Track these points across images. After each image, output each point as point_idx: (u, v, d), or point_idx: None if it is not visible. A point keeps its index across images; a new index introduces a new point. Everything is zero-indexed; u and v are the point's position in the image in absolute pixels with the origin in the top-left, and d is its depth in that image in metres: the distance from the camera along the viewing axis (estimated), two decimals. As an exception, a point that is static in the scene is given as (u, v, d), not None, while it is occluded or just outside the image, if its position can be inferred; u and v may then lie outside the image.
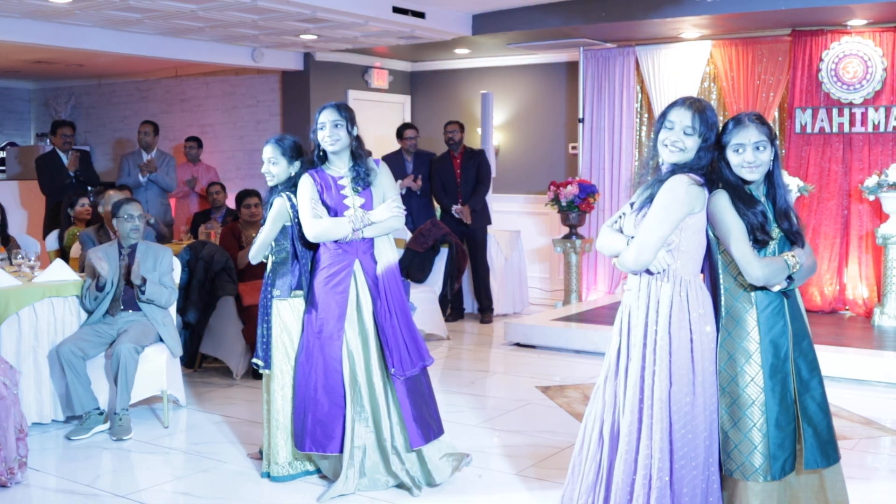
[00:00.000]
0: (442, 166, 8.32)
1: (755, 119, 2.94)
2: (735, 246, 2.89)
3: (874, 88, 7.59)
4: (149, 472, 4.48)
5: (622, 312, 3.14)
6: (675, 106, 3.01)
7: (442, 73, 10.41)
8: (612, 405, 3.12)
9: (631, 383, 3.03)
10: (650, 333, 3.00)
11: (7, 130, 11.91)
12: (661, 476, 2.94)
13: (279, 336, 4.17)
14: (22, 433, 4.20)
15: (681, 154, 2.98)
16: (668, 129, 3.00)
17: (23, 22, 7.32)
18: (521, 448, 4.67)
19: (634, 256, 2.98)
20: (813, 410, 2.94)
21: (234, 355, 6.14)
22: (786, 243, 2.96)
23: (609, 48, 8.84)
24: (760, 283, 2.88)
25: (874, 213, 7.62)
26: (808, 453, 2.91)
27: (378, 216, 4.03)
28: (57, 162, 8.14)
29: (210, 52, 8.73)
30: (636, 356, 3.03)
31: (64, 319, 5.11)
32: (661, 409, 2.94)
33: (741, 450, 2.91)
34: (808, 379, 2.96)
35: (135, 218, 5.19)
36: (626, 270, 3.07)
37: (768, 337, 2.92)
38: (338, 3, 7.08)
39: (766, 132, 2.92)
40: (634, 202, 3.12)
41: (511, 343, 7.31)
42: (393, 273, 4.07)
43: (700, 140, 2.97)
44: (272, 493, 4.10)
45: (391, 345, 3.97)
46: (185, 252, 6.20)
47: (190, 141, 9.09)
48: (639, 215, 3.03)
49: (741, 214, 2.89)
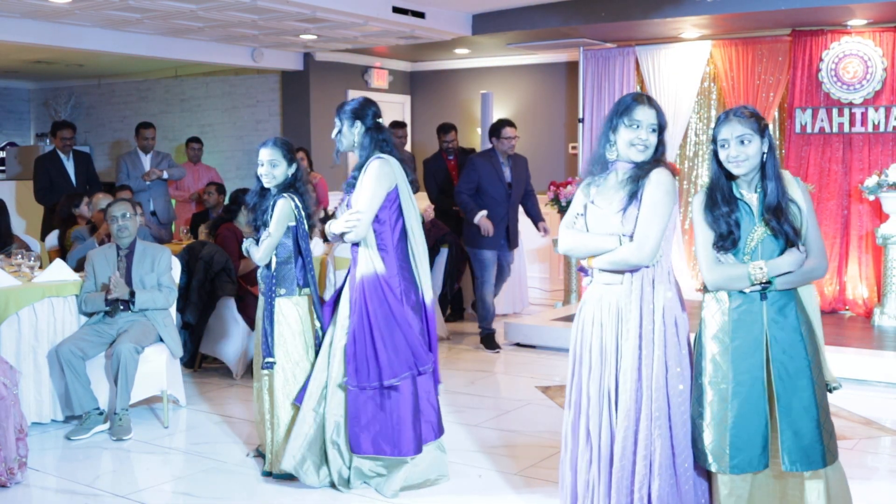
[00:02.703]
0: (435, 168, 8.23)
1: (741, 113, 2.96)
2: (697, 250, 3.02)
3: (874, 88, 7.59)
4: (149, 472, 4.47)
5: (600, 309, 3.12)
6: (637, 105, 3.06)
7: (442, 73, 10.41)
8: (600, 399, 3.12)
9: (629, 377, 3.04)
10: (646, 323, 3.03)
11: (7, 130, 11.91)
12: (664, 463, 3.00)
13: (281, 334, 4.18)
14: (22, 433, 4.20)
15: (646, 152, 3.07)
16: (634, 129, 3.05)
17: (23, 22, 7.31)
18: (521, 448, 4.66)
19: (640, 252, 3.00)
20: (797, 413, 2.89)
21: (234, 355, 6.14)
22: (775, 241, 2.92)
23: (609, 48, 8.84)
24: (713, 288, 2.99)
25: (874, 213, 7.62)
26: (786, 455, 2.88)
27: (334, 228, 4.03)
28: (57, 163, 8.14)
29: (210, 52, 8.73)
30: (631, 348, 3.04)
31: (64, 319, 5.11)
32: (660, 396, 3.00)
33: (703, 440, 2.96)
34: (794, 380, 2.90)
35: (118, 219, 5.19)
36: (623, 267, 3.06)
37: (738, 334, 2.94)
38: (338, 3, 7.08)
39: (751, 125, 2.92)
40: (594, 200, 3.12)
41: (511, 343, 7.30)
42: (371, 285, 3.92)
43: (657, 135, 3.08)
44: (272, 493, 4.10)
45: (349, 355, 3.95)
46: (184, 252, 6.20)
47: (193, 142, 9.09)
48: (625, 213, 3.04)
49: (711, 220, 2.96)
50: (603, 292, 3.13)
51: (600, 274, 3.13)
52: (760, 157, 2.94)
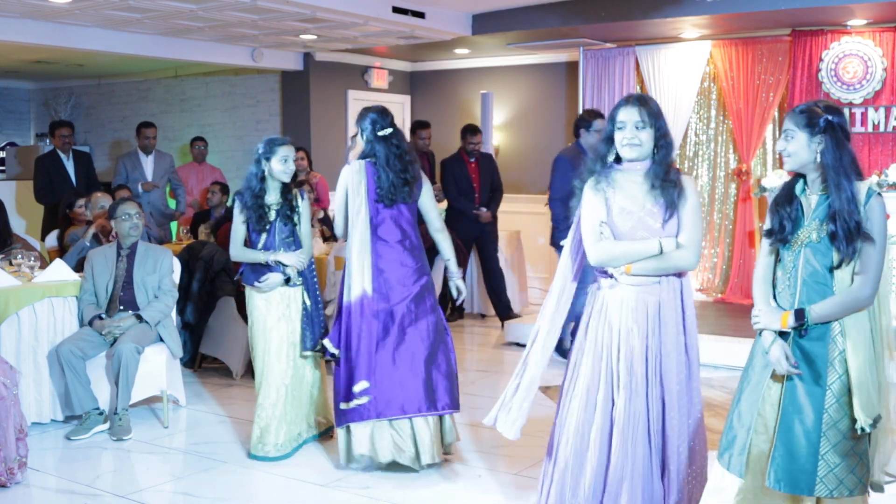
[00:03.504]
0: (457, 168, 8.06)
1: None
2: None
3: (874, 88, 7.59)
4: (149, 472, 4.47)
5: (630, 310, 3.16)
6: (620, 106, 3.17)
7: (442, 73, 10.41)
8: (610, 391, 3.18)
9: (673, 373, 3.14)
10: (685, 317, 3.19)
11: (6, 130, 11.91)
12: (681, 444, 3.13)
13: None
14: (22, 433, 4.20)
15: (639, 149, 3.13)
16: (620, 130, 3.15)
17: (23, 22, 7.31)
18: (521, 448, 4.66)
19: (693, 258, 3.13)
20: (797, 433, 2.72)
21: (234, 355, 6.14)
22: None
23: (609, 48, 8.84)
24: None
25: (874, 213, 7.61)
26: (772, 470, 2.76)
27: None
28: (57, 162, 8.14)
29: (210, 52, 8.72)
30: (673, 343, 3.15)
31: (63, 319, 5.11)
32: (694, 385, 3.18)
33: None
34: (802, 401, 2.74)
35: (132, 216, 5.19)
36: (672, 272, 3.14)
37: (758, 342, 2.90)
38: (338, 3, 7.08)
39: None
40: (616, 201, 3.16)
41: (511, 343, 7.30)
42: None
43: (653, 130, 3.12)
44: (273, 493, 4.10)
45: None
46: (184, 252, 6.20)
47: (198, 141, 9.09)
48: (668, 221, 3.12)
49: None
50: (632, 293, 3.16)
51: (629, 276, 3.16)
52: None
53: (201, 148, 9.03)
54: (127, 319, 5.07)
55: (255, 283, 4.50)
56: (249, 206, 4.48)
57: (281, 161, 4.45)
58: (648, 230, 3.13)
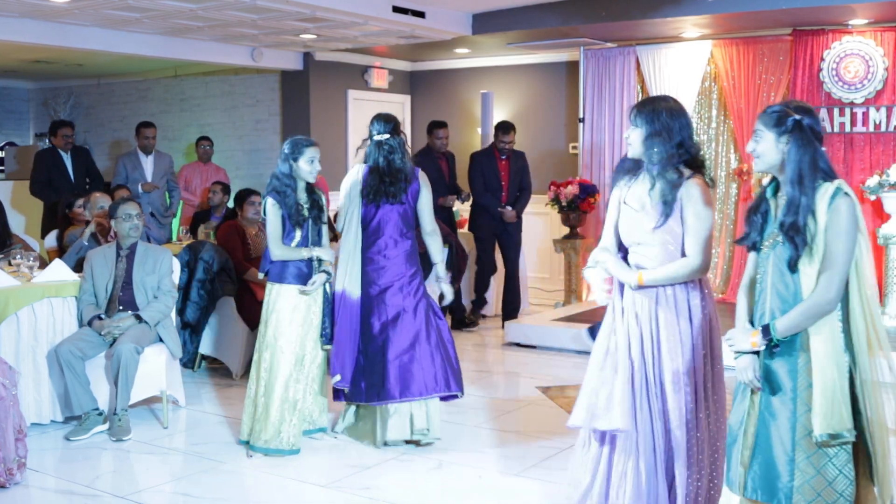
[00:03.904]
0: (486, 163, 7.99)
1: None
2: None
3: (875, 88, 7.58)
4: (148, 472, 4.46)
5: (635, 315, 3.18)
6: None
7: (442, 72, 10.40)
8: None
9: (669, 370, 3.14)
10: (680, 322, 3.17)
11: (6, 130, 11.90)
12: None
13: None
14: (21, 434, 4.19)
15: (630, 148, 3.20)
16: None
17: (22, 21, 7.30)
18: (521, 448, 4.65)
19: (703, 265, 3.11)
20: (773, 443, 2.71)
21: (233, 355, 6.13)
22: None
23: (609, 48, 8.83)
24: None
25: (875, 213, 7.61)
26: (749, 479, 2.75)
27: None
28: (57, 159, 8.13)
29: (210, 52, 8.71)
30: (670, 340, 3.14)
31: (63, 320, 5.10)
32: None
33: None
34: (777, 410, 2.72)
35: (133, 217, 5.18)
36: (686, 280, 3.13)
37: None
38: (337, 3, 7.06)
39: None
40: (626, 200, 3.22)
41: (511, 343, 7.29)
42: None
43: (641, 130, 3.14)
44: (273, 493, 4.09)
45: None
46: (184, 252, 6.19)
47: (204, 140, 9.07)
48: (660, 227, 3.12)
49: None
50: (636, 297, 3.19)
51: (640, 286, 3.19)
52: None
53: (207, 148, 9.02)
54: (126, 320, 5.06)
55: (304, 286, 4.55)
56: (290, 205, 4.51)
57: (308, 162, 4.59)
58: (641, 230, 3.16)
